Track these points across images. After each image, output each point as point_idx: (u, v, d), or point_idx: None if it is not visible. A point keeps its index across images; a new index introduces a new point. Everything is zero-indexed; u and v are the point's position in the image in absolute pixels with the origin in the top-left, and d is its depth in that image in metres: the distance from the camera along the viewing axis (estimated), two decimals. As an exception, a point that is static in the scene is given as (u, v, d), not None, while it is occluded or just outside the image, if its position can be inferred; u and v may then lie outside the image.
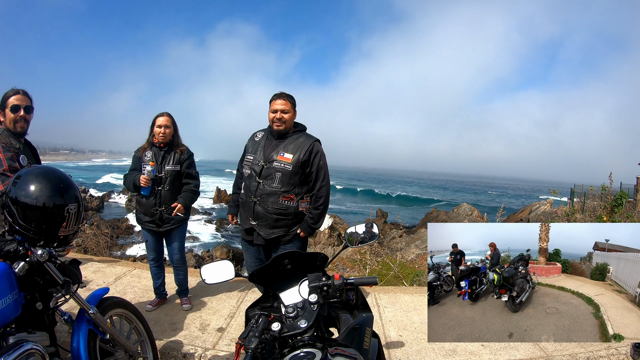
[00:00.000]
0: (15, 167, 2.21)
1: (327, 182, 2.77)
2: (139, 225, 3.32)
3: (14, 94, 2.38)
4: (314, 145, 2.74)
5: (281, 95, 2.76)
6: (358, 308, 1.52)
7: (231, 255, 10.91)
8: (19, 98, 2.37)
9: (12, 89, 2.40)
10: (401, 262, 5.73)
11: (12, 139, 2.33)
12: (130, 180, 3.16)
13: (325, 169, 2.77)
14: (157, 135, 3.15)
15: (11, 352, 1.38)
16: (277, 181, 2.70)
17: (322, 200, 2.76)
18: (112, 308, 2.04)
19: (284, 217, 2.73)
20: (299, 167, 2.68)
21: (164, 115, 3.18)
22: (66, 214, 1.60)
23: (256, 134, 2.93)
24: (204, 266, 1.62)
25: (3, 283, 1.43)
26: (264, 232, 2.75)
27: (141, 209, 3.22)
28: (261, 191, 2.72)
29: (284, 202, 2.71)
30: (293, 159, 2.68)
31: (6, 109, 2.35)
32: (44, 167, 1.68)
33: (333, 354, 1.13)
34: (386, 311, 3.52)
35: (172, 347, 2.76)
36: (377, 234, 1.73)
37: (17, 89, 2.40)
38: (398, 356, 2.77)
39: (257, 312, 1.40)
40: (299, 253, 1.56)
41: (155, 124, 3.17)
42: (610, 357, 2.77)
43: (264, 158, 2.74)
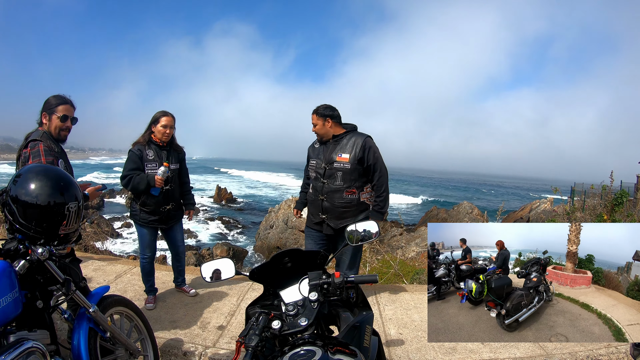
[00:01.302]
0: None
1: (384, 172, 3.11)
2: (141, 224, 3.27)
3: (63, 103, 2.45)
4: (366, 142, 3.07)
5: (313, 110, 3.16)
6: (358, 306, 1.52)
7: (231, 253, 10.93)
8: (68, 109, 2.46)
9: (61, 97, 2.46)
10: (401, 260, 5.74)
11: (52, 143, 2.40)
12: (142, 180, 3.10)
13: (380, 161, 3.09)
14: (162, 134, 3.17)
15: (12, 351, 1.38)
16: (339, 179, 3.09)
17: (383, 188, 3.12)
18: (113, 306, 2.04)
19: (349, 208, 3.12)
20: (356, 164, 3.04)
21: (168, 115, 3.19)
22: (66, 212, 1.60)
23: (315, 142, 3.31)
24: (204, 264, 1.62)
25: (3, 282, 1.43)
26: (333, 223, 3.16)
27: (147, 209, 3.20)
28: (327, 189, 3.13)
29: (348, 197, 3.11)
30: (350, 157, 3.05)
31: (53, 114, 2.42)
32: (44, 165, 1.68)
33: (333, 352, 1.13)
34: (386, 309, 3.53)
35: (173, 345, 2.76)
36: (377, 232, 1.73)
37: (65, 98, 2.48)
38: (398, 354, 2.78)
39: (257, 310, 1.40)
40: (299, 251, 1.56)
41: (158, 123, 3.16)
42: (610, 356, 2.77)
43: (326, 161, 3.13)
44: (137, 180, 3.11)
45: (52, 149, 2.37)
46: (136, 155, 3.15)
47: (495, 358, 2.74)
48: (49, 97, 2.47)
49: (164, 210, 3.22)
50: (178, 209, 3.40)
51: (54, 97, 2.47)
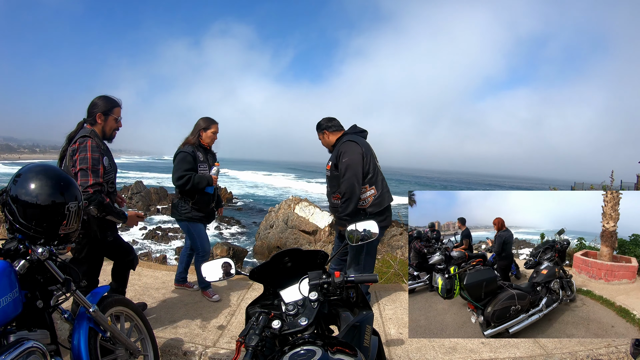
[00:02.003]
0: (97, 169, 2.42)
1: (348, 177, 3.06)
2: (194, 221, 3.44)
3: (118, 105, 2.65)
4: (340, 147, 3.17)
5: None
6: (358, 306, 1.52)
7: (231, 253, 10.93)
8: (120, 112, 2.67)
9: (113, 100, 2.64)
10: (401, 259, 5.74)
11: (99, 141, 2.54)
12: (203, 180, 3.33)
13: (347, 166, 3.07)
14: (211, 140, 3.48)
15: (12, 351, 1.38)
16: (328, 185, 3.35)
17: (344, 193, 3.11)
18: (113, 306, 2.04)
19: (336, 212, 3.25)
20: (334, 170, 3.21)
21: (217, 123, 3.49)
22: (66, 212, 1.60)
23: None
24: (204, 264, 1.62)
25: (3, 281, 1.43)
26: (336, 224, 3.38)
27: (197, 207, 3.41)
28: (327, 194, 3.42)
29: (334, 201, 3.27)
30: (331, 164, 3.25)
31: (110, 115, 2.60)
32: (44, 165, 1.68)
33: (333, 352, 1.13)
34: (386, 309, 3.53)
35: (173, 344, 2.76)
36: (376, 232, 1.73)
37: (118, 101, 2.66)
38: (398, 354, 2.78)
39: (257, 309, 1.40)
40: (299, 251, 1.56)
41: (209, 129, 3.45)
42: (610, 356, 2.77)
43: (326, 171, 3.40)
44: (197, 180, 3.31)
45: (99, 146, 2.50)
46: (191, 156, 3.34)
47: (495, 357, 2.74)
48: (98, 99, 2.60)
49: (210, 207, 3.49)
50: (217, 207, 3.65)
51: (106, 99, 2.61)
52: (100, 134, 2.58)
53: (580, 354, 2.77)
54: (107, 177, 2.57)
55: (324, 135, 3.35)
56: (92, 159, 2.40)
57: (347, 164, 3.07)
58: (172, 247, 13.48)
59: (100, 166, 2.44)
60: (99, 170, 2.42)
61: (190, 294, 3.65)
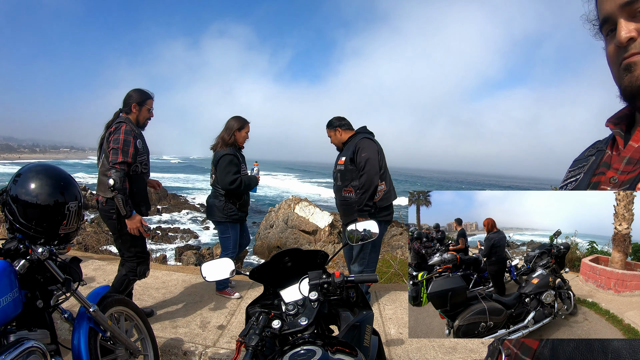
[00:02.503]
0: (126, 149, 2.69)
1: (368, 170, 3.22)
2: (234, 222, 3.51)
3: (150, 97, 2.95)
4: (358, 143, 3.31)
5: (326, 127, 3.55)
6: (358, 306, 1.52)
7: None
8: (152, 103, 2.97)
9: (146, 92, 2.95)
10: (401, 259, 5.74)
11: (133, 126, 2.84)
12: (252, 181, 3.49)
13: (366, 160, 3.23)
14: (244, 140, 3.54)
15: (12, 350, 1.38)
16: (339, 180, 3.42)
17: (363, 186, 3.24)
18: (113, 306, 2.04)
19: (347, 206, 3.38)
20: (349, 164, 3.32)
21: (249, 123, 3.56)
22: (67, 212, 1.60)
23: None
24: (204, 264, 1.62)
25: (4, 281, 1.43)
26: (343, 219, 3.53)
27: (243, 207, 3.55)
28: (335, 190, 3.53)
29: (345, 195, 3.39)
30: (345, 159, 3.35)
31: (144, 106, 2.92)
32: (44, 164, 1.68)
33: (333, 352, 1.13)
34: (386, 309, 3.53)
35: (173, 344, 2.77)
36: (376, 232, 1.73)
37: (151, 93, 2.96)
38: (398, 353, 2.78)
39: (257, 309, 1.40)
40: (299, 250, 1.56)
41: (244, 130, 3.52)
42: (610, 355, 2.78)
43: (334, 166, 3.52)
44: (248, 181, 3.46)
45: (133, 130, 2.80)
46: (236, 158, 3.47)
47: (495, 357, 2.75)
48: (133, 91, 2.92)
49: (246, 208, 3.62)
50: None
51: (140, 92, 2.93)
52: (135, 121, 2.89)
53: (580, 354, 2.78)
54: (140, 158, 2.84)
55: (336, 133, 3.48)
56: (124, 140, 2.68)
57: (367, 158, 3.24)
58: (172, 247, 13.48)
59: (131, 147, 2.71)
60: (128, 150, 2.69)
61: (190, 294, 3.66)
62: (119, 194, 2.64)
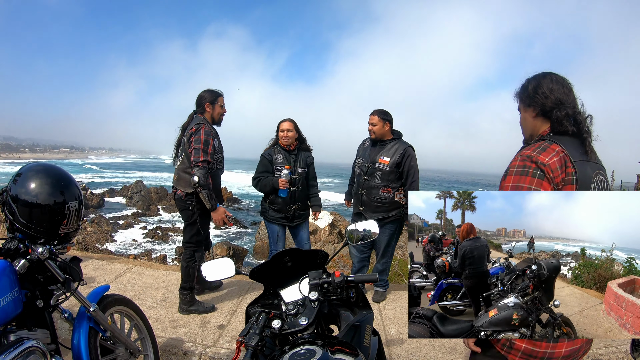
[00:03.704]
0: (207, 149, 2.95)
1: (416, 179, 3.46)
2: (269, 221, 3.64)
3: (220, 95, 3.20)
4: (406, 150, 3.42)
5: (373, 112, 3.48)
6: (358, 305, 1.52)
7: (231, 252, 10.93)
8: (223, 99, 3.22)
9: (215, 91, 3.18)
10: (401, 259, 5.74)
11: (211, 127, 3.10)
12: (268, 183, 3.51)
13: (414, 169, 3.43)
14: (282, 139, 3.54)
15: (12, 350, 1.38)
16: (378, 178, 3.45)
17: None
18: (113, 305, 2.04)
19: (383, 204, 3.47)
20: (394, 167, 3.41)
21: (287, 120, 3.55)
22: (67, 211, 1.60)
23: (365, 141, 3.66)
24: (204, 263, 1.62)
25: (4, 281, 1.43)
26: (369, 215, 3.49)
27: (275, 207, 3.58)
28: (367, 185, 3.50)
29: (383, 194, 3.46)
30: (390, 161, 3.42)
31: (216, 104, 3.15)
32: (44, 164, 1.68)
33: (333, 351, 1.13)
34: (386, 308, 3.53)
35: (173, 344, 2.76)
36: (376, 232, 1.73)
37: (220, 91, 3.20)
38: (398, 353, 2.78)
39: (257, 309, 1.40)
40: (299, 250, 1.56)
41: (279, 129, 3.56)
42: (610, 356, 2.77)
43: (370, 161, 3.50)
44: (264, 183, 3.53)
45: (212, 130, 3.07)
46: (266, 159, 3.56)
47: (495, 357, 2.74)
48: (204, 92, 3.16)
49: (290, 209, 3.57)
50: (304, 209, 3.69)
51: (211, 91, 3.16)
52: (210, 120, 3.14)
53: (580, 354, 2.78)
54: (216, 156, 3.10)
55: (385, 125, 3.48)
56: (205, 141, 2.94)
57: (415, 168, 3.47)
58: (172, 247, 13.47)
59: (210, 147, 2.97)
60: (208, 150, 2.95)
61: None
62: (203, 190, 2.91)
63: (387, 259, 3.68)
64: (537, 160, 1.27)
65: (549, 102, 1.40)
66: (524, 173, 1.27)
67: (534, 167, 1.28)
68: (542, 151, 1.31)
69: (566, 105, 1.38)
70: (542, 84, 1.43)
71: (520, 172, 1.28)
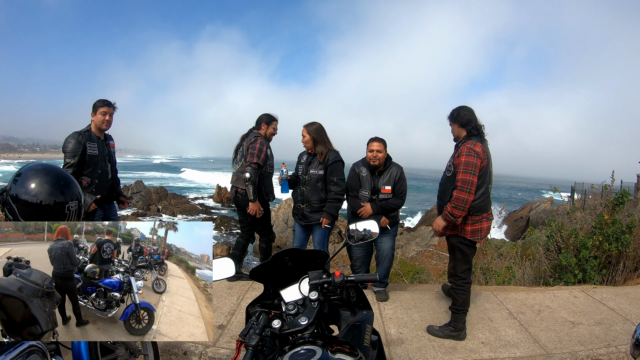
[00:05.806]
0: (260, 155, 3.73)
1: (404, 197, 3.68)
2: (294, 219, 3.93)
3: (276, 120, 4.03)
4: (401, 175, 3.64)
5: (376, 139, 3.57)
6: (358, 305, 1.52)
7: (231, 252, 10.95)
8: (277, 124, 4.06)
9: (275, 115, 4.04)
10: (401, 259, 5.74)
11: (264, 140, 3.89)
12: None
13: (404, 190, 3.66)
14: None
15: (12, 350, 1.38)
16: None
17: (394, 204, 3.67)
18: (113, 305, 2.03)
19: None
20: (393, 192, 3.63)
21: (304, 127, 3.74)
22: (67, 211, 1.60)
23: (361, 170, 3.67)
24: None
25: (4, 280, 1.43)
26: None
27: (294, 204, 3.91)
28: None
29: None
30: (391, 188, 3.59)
31: (270, 125, 3.98)
32: (44, 164, 1.67)
33: (333, 351, 1.13)
34: (386, 308, 3.53)
35: (173, 344, 2.76)
36: (377, 232, 1.73)
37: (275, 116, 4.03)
38: (398, 353, 2.78)
39: (257, 309, 1.40)
40: (299, 250, 1.56)
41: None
42: (610, 356, 2.77)
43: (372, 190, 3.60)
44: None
45: (264, 142, 3.86)
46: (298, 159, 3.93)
47: (495, 357, 2.74)
48: (264, 115, 3.97)
49: (299, 208, 3.79)
50: (315, 211, 3.73)
51: (268, 115, 3.98)
52: (264, 135, 3.93)
53: (580, 354, 2.77)
54: (268, 162, 3.90)
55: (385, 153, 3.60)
56: (259, 149, 3.75)
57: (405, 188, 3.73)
58: (172, 246, 13.45)
59: (263, 154, 3.76)
60: (260, 155, 3.74)
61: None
62: (250, 185, 3.67)
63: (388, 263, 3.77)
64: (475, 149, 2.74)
65: (465, 120, 2.84)
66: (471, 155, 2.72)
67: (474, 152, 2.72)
68: (474, 145, 2.75)
69: (472, 121, 2.84)
70: (461, 111, 2.86)
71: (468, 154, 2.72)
